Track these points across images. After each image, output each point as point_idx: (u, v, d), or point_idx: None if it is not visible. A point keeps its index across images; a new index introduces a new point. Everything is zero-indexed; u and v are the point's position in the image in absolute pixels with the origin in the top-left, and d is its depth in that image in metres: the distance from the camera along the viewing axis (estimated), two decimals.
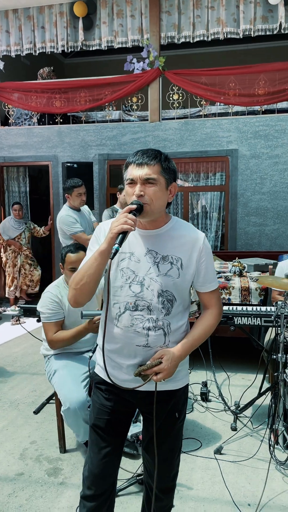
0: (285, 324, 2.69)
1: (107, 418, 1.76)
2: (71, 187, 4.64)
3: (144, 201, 1.60)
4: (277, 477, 2.66)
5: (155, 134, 6.57)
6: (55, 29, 7.00)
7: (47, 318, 2.88)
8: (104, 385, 1.78)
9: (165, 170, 1.64)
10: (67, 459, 2.91)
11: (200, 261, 1.71)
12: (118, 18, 6.75)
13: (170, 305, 1.67)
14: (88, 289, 1.64)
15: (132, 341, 1.67)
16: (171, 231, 1.71)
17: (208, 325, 1.77)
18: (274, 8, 6.21)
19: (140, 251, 1.68)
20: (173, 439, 1.82)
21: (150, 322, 1.65)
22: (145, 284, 1.65)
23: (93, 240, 1.76)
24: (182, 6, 6.50)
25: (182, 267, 1.68)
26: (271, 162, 6.25)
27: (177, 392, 1.78)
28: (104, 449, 1.76)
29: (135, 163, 1.64)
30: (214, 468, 2.77)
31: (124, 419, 1.82)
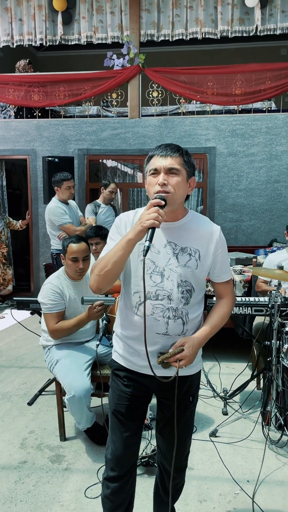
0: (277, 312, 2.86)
1: (126, 404, 1.83)
2: (60, 180, 4.73)
3: (167, 190, 1.66)
4: (271, 455, 2.83)
5: (135, 130, 6.66)
6: (33, 22, 6.95)
7: (48, 309, 2.93)
8: (122, 372, 1.84)
9: (187, 163, 1.72)
10: (68, 447, 2.98)
11: (217, 253, 1.78)
12: (98, 14, 6.78)
13: (189, 295, 1.74)
14: (111, 276, 1.69)
15: (152, 329, 1.72)
16: (189, 224, 1.78)
17: (224, 313, 1.86)
18: (251, 11, 6.42)
19: (159, 242, 1.73)
20: (187, 421, 1.92)
21: (170, 311, 1.72)
22: (165, 275, 1.72)
23: (113, 230, 1.80)
24: (162, 4, 6.61)
25: (200, 258, 1.75)
26: (247, 160, 6.47)
27: (192, 377, 1.87)
28: (126, 433, 1.84)
29: (159, 154, 1.70)
30: (211, 450, 2.91)
31: (142, 404, 1.90)
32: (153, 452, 2.70)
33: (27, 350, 4.90)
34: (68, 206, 4.92)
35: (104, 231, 3.79)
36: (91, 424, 2.91)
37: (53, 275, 3.06)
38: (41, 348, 4.88)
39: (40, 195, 6.83)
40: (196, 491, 2.52)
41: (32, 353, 4.78)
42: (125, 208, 6.99)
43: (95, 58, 8.08)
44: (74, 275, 3.00)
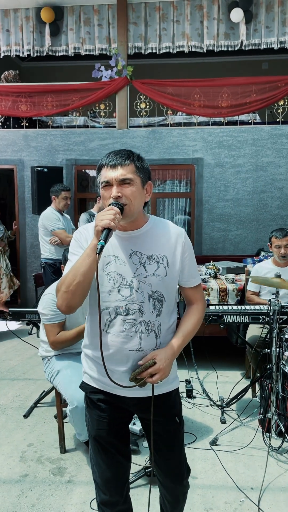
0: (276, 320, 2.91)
1: (106, 428, 1.72)
2: (59, 190, 4.90)
3: (123, 202, 1.56)
4: (272, 462, 2.86)
5: (123, 141, 6.70)
6: (20, 33, 6.96)
7: (49, 320, 2.91)
8: (96, 394, 1.74)
9: (140, 169, 1.61)
10: (69, 459, 2.95)
11: (184, 256, 1.71)
12: (86, 26, 6.84)
13: (161, 305, 1.66)
14: (81, 290, 1.55)
15: (124, 346, 1.63)
16: (152, 230, 1.69)
17: (196, 320, 1.77)
18: (236, 26, 6.59)
19: (124, 253, 1.64)
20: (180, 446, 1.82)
21: (143, 325, 1.63)
22: (134, 287, 1.62)
23: (74, 244, 1.70)
24: (149, 18, 6.71)
25: (168, 264, 1.67)
26: (234, 171, 6.58)
27: (171, 395, 1.78)
28: (111, 456, 1.74)
29: (109, 164, 1.58)
30: (212, 458, 2.92)
31: (123, 425, 1.80)
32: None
33: (18, 361, 4.83)
34: (63, 216, 5.03)
35: None
36: None
37: (53, 285, 3.04)
38: (32, 359, 4.86)
39: (28, 205, 6.79)
40: (202, 500, 2.52)
41: (23, 365, 4.72)
42: None
43: (79, 69, 8.15)
44: None
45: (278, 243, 3.73)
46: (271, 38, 6.56)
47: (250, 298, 3.91)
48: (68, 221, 5.11)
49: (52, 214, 4.88)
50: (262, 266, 3.94)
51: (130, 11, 6.71)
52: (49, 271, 4.90)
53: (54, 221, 4.83)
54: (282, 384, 3.00)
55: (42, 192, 5.87)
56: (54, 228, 4.81)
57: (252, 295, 3.91)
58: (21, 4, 6.82)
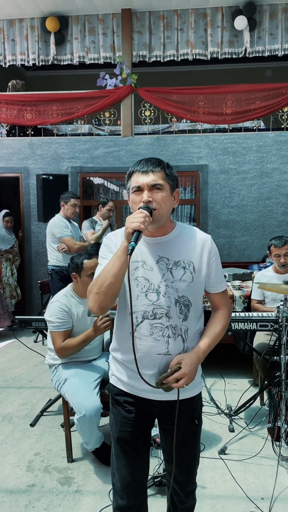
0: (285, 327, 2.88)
1: (130, 430, 1.75)
2: (69, 197, 4.91)
3: (153, 207, 1.61)
4: (282, 471, 2.82)
5: (128, 148, 6.72)
6: (26, 42, 7.03)
7: (56, 327, 2.90)
8: (122, 396, 1.77)
9: (169, 177, 1.68)
10: (76, 468, 2.92)
11: (210, 262, 1.74)
12: (90, 35, 6.89)
13: (187, 310, 1.69)
14: (113, 290, 1.60)
15: (152, 350, 1.66)
16: (179, 236, 1.74)
17: (222, 325, 1.80)
18: (240, 34, 6.62)
19: (151, 259, 1.69)
20: (195, 447, 1.84)
21: (170, 329, 1.66)
22: (161, 292, 1.66)
23: (103, 249, 1.75)
24: (153, 27, 6.76)
25: (194, 270, 1.70)
26: (239, 177, 6.58)
27: (194, 399, 1.80)
28: (132, 459, 1.76)
29: (140, 171, 1.65)
30: (221, 467, 2.89)
31: (146, 428, 1.82)
32: (165, 472, 2.66)
33: (24, 370, 4.81)
34: (71, 224, 5.02)
35: None
36: (99, 444, 2.86)
37: (60, 293, 3.04)
38: (38, 367, 4.84)
39: (33, 213, 6.81)
40: (211, 510, 2.49)
41: (29, 373, 4.70)
42: (118, 225, 7.00)
43: (84, 78, 8.20)
44: None
45: (277, 252, 3.69)
46: (275, 45, 6.58)
47: (256, 307, 3.88)
48: (76, 229, 5.11)
49: (60, 221, 4.87)
50: (264, 274, 3.92)
51: (134, 20, 6.76)
52: (56, 278, 4.88)
53: (62, 228, 4.83)
54: None
55: (47, 200, 5.89)
56: (62, 235, 4.80)
57: (257, 304, 3.88)
58: (26, 14, 6.88)
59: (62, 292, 3.04)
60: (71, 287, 3.05)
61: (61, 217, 4.94)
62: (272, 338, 3.36)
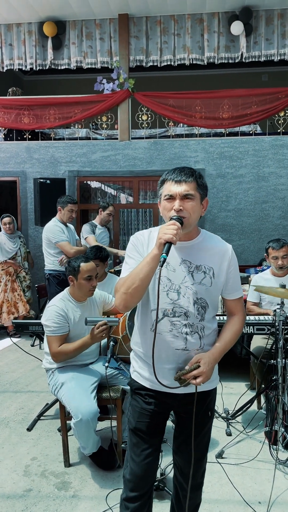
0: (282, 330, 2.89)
1: (147, 421, 1.85)
2: (66, 202, 4.84)
3: (183, 215, 1.71)
4: (279, 475, 2.82)
5: (125, 152, 6.74)
6: (23, 47, 7.05)
7: (52, 332, 2.89)
8: (143, 390, 1.87)
9: (200, 187, 1.77)
10: (73, 473, 2.91)
11: (229, 270, 1.84)
12: (87, 40, 6.92)
13: (204, 311, 1.79)
14: (139, 293, 1.72)
15: (171, 345, 1.77)
16: (202, 243, 1.83)
17: (236, 330, 1.90)
18: (236, 39, 6.66)
19: (175, 261, 1.78)
20: (206, 436, 1.94)
21: (187, 327, 1.77)
22: (181, 292, 1.77)
23: (130, 248, 1.85)
24: (150, 32, 6.80)
25: (214, 276, 1.80)
26: (236, 181, 6.61)
27: (211, 392, 1.91)
28: (146, 451, 1.86)
29: (174, 180, 1.75)
30: (219, 471, 2.88)
31: (162, 420, 1.91)
32: (162, 476, 2.66)
33: (21, 374, 4.80)
34: (67, 228, 4.97)
35: (104, 253, 3.78)
36: (96, 448, 2.85)
37: (57, 297, 3.04)
38: (35, 371, 4.83)
39: (31, 217, 6.81)
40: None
41: (26, 377, 4.69)
42: (115, 229, 7.02)
43: (81, 82, 8.23)
44: (86, 294, 2.99)
45: (275, 254, 3.71)
46: (271, 50, 6.63)
47: (250, 308, 3.89)
48: (72, 233, 5.07)
49: (55, 227, 4.82)
50: (261, 277, 3.93)
51: (131, 25, 6.80)
52: (54, 282, 4.86)
53: (57, 234, 4.79)
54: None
55: (44, 204, 5.89)
56: (57, 240, 4.76)
57: (252, 306, 3.90)
58: (24, 18, 6.91)
59: (59, 296, 3.03)
60: (68, 291, 3.04)
61: (57, 221, 4.90)
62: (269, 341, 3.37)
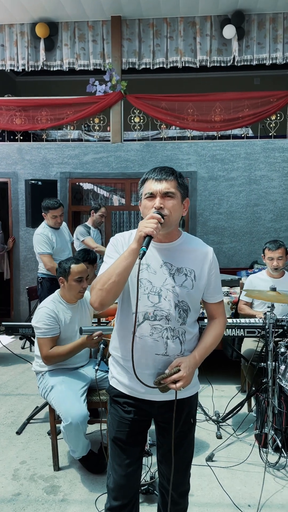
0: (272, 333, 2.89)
1: (127, 430, 1.80)
2: (47, 208, 4.62)
3: (163, 213, 1.69)
4: (269, 478, 2.82)
5: (117, 154, 6.73)
6: (15, 48, 7.02)
7: (42, 334, 2.87)
8: (122, 398, 1.82)
9: (181, 186, 1.76)
10: (62, 477, 2.89)
11: (211, 273, 1.81)
12: (80, 42, 6.91)
13: (186, 315, 1.76)
14: (115, 289, 1.67)
15: (151, 350, 1.73)
16: (183, 245, 1.81)
17: (217, 333, 1.88)
18: (228, 42, 6.69)
19: (155, 263, 1.76)
20: (190, 444, 1.92)
21: (168, 331, 1.73)
22: (162, 295, 1.73)
23: (110, 249, 1.82)
24: (143, 34, 6.80)
25: (195, 278, 1.77)
26: (228, 184, 6.63)
27: (191, 398, 1.87)
28: (127, 459, 1.82)
29: (154, 178, 1.73)
30: (208, 475, 2.88)
31: (143, 429, 1.87)
32: (152, 480, 2.65)
33: (11, 376, 4.76)
34: (59, 231, 4.77)
35: (92, 255, 3.77)
36: (86, 452, 2.84)
37: (48, 298, 3.02)
38: (25, 374, 4.79)
39: (22, 218, 6.77)
40: None
41: (16, 380, 4.65)
42: (107, 231, 7.00)
43: (75, 84, 8.20)
44: (76, 296, 2.97)
45: (270, 255, 3.73)
46: (263, 54, 6.66)
47: (241, 307, 3.90)
48: (64, 235, 4.87)
49: (41, 237, 4.57)
50: (257, 277, 3.94)
51: (124, 27, 6.80)
52: (46, 286, 4.72)
53: (40, 244, 4.55)
54: (278, 399, 2.98)
55: (36, 205, 5.83)
56: (39, 252, 4.56)
57: (244, 305, 3.90)
58: (16, 19, 6.88)
59: (49, 298, 3.02)
60: (59, 293, 3.03)
61: (46, 227, 4.66)
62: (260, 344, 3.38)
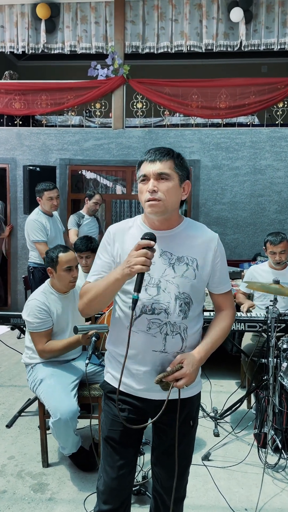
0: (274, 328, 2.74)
1: (121, 429, 1.68)
2: (42, 190, 4.46)
3: (157, 197, 1.55)
4: (268, 480, 2.69)
5: (118, 141, 6.55)
6: (15, 29, 6.81)
7: (35, 328, 2.73)
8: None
9: (178, 166, 1.61)
10: (51, 474, 2.76)
11: (215, 262, 1.68)
12: (82, 24, 6.69)
13: (187, 308, 1.62)
14: (96, 307, 1.68)
15: (148, 346, 1.60)
16: (185, 231, 1.67)
17: (225, 327, 1.74)
18: (236, 26, 6.45)
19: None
20: (187, 448, 1.78)
21: (168, 326, 1.60)
22: (161, 287, 1.59)
23: (102, 247, 1.71)
24: (147, 16, 6.57)
25: (198, 268, 1.64)
26: (232, 173, 6.44)
27: (193, 399, 1.74)
28: (120, 461, 1.70)
29: (148, 160, 1.60)
30: (204, 475, 2.75)
31: (138, 429, 1.73)
32: (144, 480, 2.52)
33: (5, 367, 4.64)
34: (53, 218, 4.61)
35: (94, 243, 3.64)
36: (76, 449, 2.71)
37: (38, 290, 2.87)
38: (19, 365, 4.67)
39: (20, 205, 6.61)
40: None
41: (9, 371, 4.53)
42: (107, 220, 6.84)
43: (77, 69, 7.98)
44: (67, 286, 2.82)
45: (272, 249, 3.55)
46: (271, 39, 6.42)
47: (237, 296, 3.74)
48: (57, 224, 4.70)
49: (35, 223, 4.39)
50: (258, 268, 3.78)
51: (127, 9, 6.57)
52: (38, 276, 4.56)
53: (35, 231, 4.37)
54: (279, 397, 2.83)
55: (34, 192, 5.66)
56: (34, 239, 4.39)
57: (241, 294, 3.74)
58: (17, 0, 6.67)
59: (40, 289, 2.87)
60: (49, 283, 2.88)
61: (40, 213, 4.49)
62: (261, 339, 3.23)
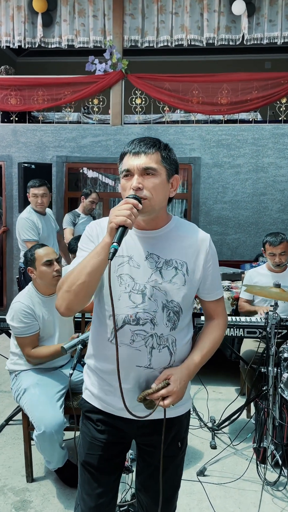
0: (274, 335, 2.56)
1: (100, 454, 1.52)
2: (28, 187, 4.30)
3: (142, 196, 1.37)
4: (266, 499, 2.51)
5: (116, 138, 6.37)
6: (11, 23, 6.62)
7: (21, 333, 2.56)
8: (95, 414, 1.53)
9: (166, 160, 1.43)
10: (35, 490, 2.59)
11: (207, 265, 1.51)
12: (80, 17, 6.50)
13: (177, 318, 1.46)
14: (85, 291, 1.38)
15: (131, 361, 1.43)
16: (173, 232, 1.50)
17: (216, 337, 1.58)
18: (238, 19, 6.25)
19: (139, 255, 1.45)
20: (175, 472, 1.61)
21: (154, 339, 1.43)
22: (147, 294, 1.42)
23: (84, 239, 1.51)
24: (146, 10, 6.38)
25: (188, 272, 1.47)
26: (233, 171, 6.25)
27: (181, 418, 1.57)
28: (99, 489, 1.53)
29: (131, 152, 1.41)
30: (199, 492, 2.57)
31: (119, 452, 1.57)
32: (133, 500, 2.34)
33: None
34: (45, 217, 4.44)
35: None
36: (63, 463, 2.54)
37: (22, 292, 2.71)
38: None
39: (15, 204, 6.44)
40: None
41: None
42: None
43: (76, 66, 7.79)
44: (51, 282, 2.63)
45: (272, 250, 3.37)
46: (274, 32, 6.21)
47: (242, 305, 3.57)
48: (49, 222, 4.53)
49: (26, 222, 4.22)
50: (257, 272, 3.60)
51: (126, 2, 6.37)
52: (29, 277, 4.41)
53: (25, 229, 4.20)
54: (279, 408, 2.65)
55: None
56: (25, 238, 4.22)
57: (244, 303, 3.56)
58: None
59: (24, 292, 2.70)
60: (33, 285, 2.71)
61: (31, 211, 4.32)
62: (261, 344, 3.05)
